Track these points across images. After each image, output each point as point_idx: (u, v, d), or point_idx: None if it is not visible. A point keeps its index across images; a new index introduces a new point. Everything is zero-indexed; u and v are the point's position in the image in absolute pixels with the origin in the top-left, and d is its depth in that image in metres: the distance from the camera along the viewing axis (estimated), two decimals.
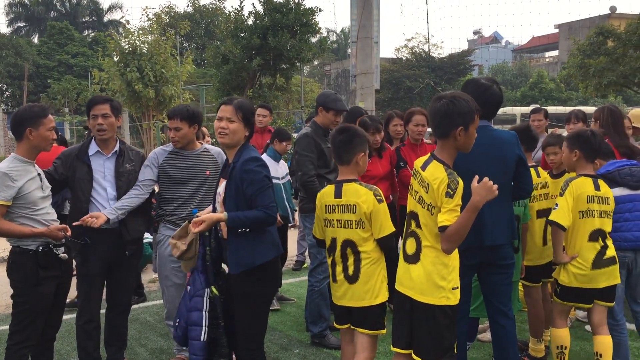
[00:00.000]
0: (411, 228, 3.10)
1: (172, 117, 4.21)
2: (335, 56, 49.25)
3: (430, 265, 2.99)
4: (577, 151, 3.91)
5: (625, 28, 19.95)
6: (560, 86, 38.96)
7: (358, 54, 12.69)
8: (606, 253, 3.82)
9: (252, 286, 3.38)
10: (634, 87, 20.58)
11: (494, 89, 3.66)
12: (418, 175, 3.10)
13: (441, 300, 2.97)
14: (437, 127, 3.06)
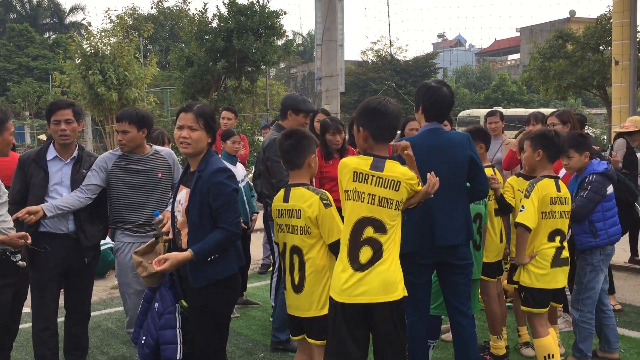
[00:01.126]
0: (366, 235, 2.96)
1: (120, 120, 4.08)
2: (302, 59, 49.26)
3: (392, 265, 2.96)
4: (541, 151, 3.94)
5: (584, 32, 20.47)
6: (522, 88, 39.72)
7: (323, 57, 12.69)
8: (562, 253, 3.90)
9: (213, 299, 3.24)
10: (592, 89, 21.09)
11: (443, 90, 3.71)
12: (371, 177, 2.99)
13: (402, 293, 2.98)
14: (392, 129, 3.10)
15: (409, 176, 3.02)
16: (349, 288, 2.94)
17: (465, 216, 3.68)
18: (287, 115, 4.83)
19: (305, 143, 3.37)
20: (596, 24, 20.14)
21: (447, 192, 3.52)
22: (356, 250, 2.96)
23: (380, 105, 3.06)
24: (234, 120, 7.53)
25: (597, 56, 19.97)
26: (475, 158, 3.64)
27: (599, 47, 20.14)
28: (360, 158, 3.06)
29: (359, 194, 2.99)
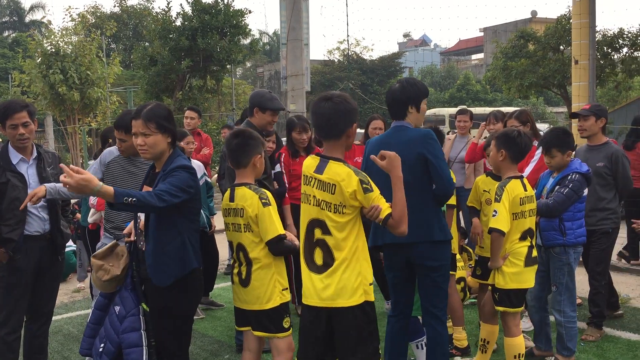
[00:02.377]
0: (316, 237, 3.00)
1: (117, 129, 4.05)
2: (268, 58, 49.07)
3: (345, 269, 2.94)
4: (504, 151, 3.95)
5: (544, 32, 20.88)
6: (486, 88, 40.30)
7: (288, 56, 12.68)
8: (532, 252, 3.93)
9: (175, 300, 3.20)
10: (553, 88, 21.51)
11: (392, 87, 3.75)
12: (314, 180, 3.01)
13: (361, 298, 2.96)
14: (333, 127, 3.00)
15: (348, 181, 2.92)
16: (309, 290, 3.02)
17: (427, 214, 3.59)
18: (254, 112, 4.75)
19: (251, 143, 3.44)
20: (556, 24, 20.55)
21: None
22: (311, 252, 3.02)
23: (314, 105, 3.06)
24: (197, 119, 7.46)
25: (558, 56, 20.38)
26: (429, 157, 3.54)
27: (559, 47, 20.56)
28: (312, 159, 3.09)
29: (307, 197, 3.05)
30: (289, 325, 3.43)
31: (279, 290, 3.36)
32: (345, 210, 2.94)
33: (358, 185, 2.91)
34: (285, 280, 3.43)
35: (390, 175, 3.02)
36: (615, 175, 4.78)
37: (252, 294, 3.37)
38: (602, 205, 4.75)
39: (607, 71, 19.77)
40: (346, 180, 2.92)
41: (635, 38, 19.57)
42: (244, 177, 3.44)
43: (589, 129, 4.84)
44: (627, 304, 5.85)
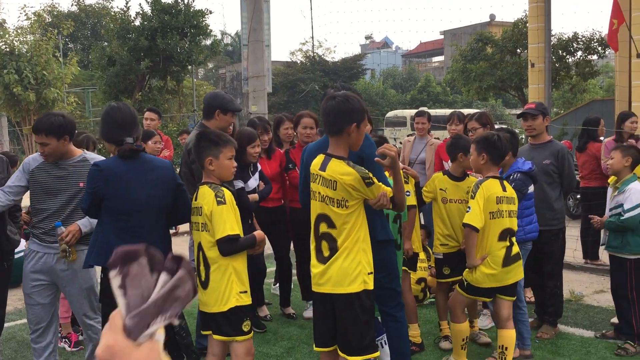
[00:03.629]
0: (322, 230, 3.17)
1: (37, 132, 3.79)
2: (231, 59, 48.75)
3: (348, 259, 3.10)
4: (485, 154, 4.02)
5: (502, 35, 21.30)
6: (446, 90, 40.89)
7: (249, 57, 12.63)
8: (512, 250, 4.00)
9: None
10: (510, 90, 21.98)
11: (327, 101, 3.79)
12: (318, 177, 3.17)
13: (360, 286, 3.10)
14: (333, 124, 3.17)
15: (349, 178, 3.05)
16: (316, 278, 3.20)
17: (375, 216, 3.58)
18: (215, 114, 4.58)
19: (204, 145, 3.51)
20: (513, 28, 21.03)
21: None
22: (319, 245, 3.19)
23: (322, 103, 3.22)
24: (157, 121, 7.37)
25: (515, 59, 20.85)
26: (365, 158, 3.43)
27: (517, 50, 21.04)
28: (318, 157, 3.23)
29: (314, 193, 3.21)
30: (249, 329, 3.40)
31: (236, 292, 3.34)
32: (347, 203, 3.09)
33: (359, 182, 3.05)
34: (244, 283, 3.39)
35: (393, 171, 3.21)
36: (561, 173, 4.90)
37: (211, 296, 3.35)
38: (550, 204, 4.84)
39: (562, 74, 20.30)
40: (345, 177, 3.06)
41: (589, 42, 20.16)
42: (206, 176, 3.50)
43: (537, 128, 4.94)
44: (580, 301, 6.01)
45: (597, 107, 18.89)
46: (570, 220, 9.79)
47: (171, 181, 3.54)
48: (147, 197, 3.38)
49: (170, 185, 3.51)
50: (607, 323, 5.17)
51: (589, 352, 4.63)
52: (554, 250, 4.90)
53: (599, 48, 20.12)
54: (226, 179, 3.54)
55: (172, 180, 3.54)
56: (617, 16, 11.84)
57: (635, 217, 4.48)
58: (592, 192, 7.16)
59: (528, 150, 4.98)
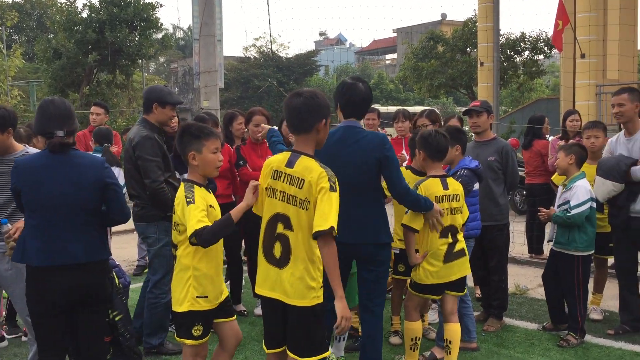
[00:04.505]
0: (278, 231, 3.01)
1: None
2: (183, 53, 48.02)
3: (301, 268, 2.95)
4: (422, 151, 4.07)
5: (452, 34, 21.67)
6: (399, 87, 41.35)
7: (201, 52, 12.44)
8: (456, 247, 4.04)
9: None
10: (461, 88, 22.39)
11: (358, 86, 3.73)
12: (283, 174, 3.01)
13: (313, 300, 2.97)
14: (303, 121, 3.04)
15: (319, 177, 2.92)
16: (265, 281, 3.06)
17: (369, 217, 3.69)
18: (153, 108, 4.54)
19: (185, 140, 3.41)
20: (463, 27, 21.42)
21: (346, 191, 3.55)
22: (270, 244, 3.03)
23: (287, 100, 3.09)
24: (103, 115, 7.20)
25: (465, 57, 21.25)
26: (387, 161, 3.64)
27: (467, 49, 21.44)
28: (283, 155, 3.10)
29: (274, 191, 3.04)
30: (199, 334, 3.29)
31: (192, 296, 3.22)
32: (309, 206, 2.94)
33: (327, 184, 2.93)
34: (206, 288, 3.27)
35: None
36: (505, 169, 5.01)
37: (173, 295, 3.34)
38: (494, 199, 4.94)
39: (510, 73, 20.80)
40: (316, 177, 2.93)
41: (536, 42, 20.71)
42: (190, 172, 3.42)
43: (482, 125, 5.05)
44: (525, 294, 6.18)
45: (543, 106, 19.46)
46: (517, 215, 10.06)
47: (96, 180, 3.29)
48: (60, 194, 3.20)
49: (94, 184, 3.28)
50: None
51: (532, 344, 4.77)
52: (499, 245, 5.02)
53: (545, 48, 20.69)
54: (211, 175, 3.40)
55: (97, 179, 3.30)
56: (562, 17, 12.20)
57: (581, 214, 4.61)
58: (537, 188, 7.38)
59: (473, 147, 5.08)
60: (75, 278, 3.24)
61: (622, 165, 4.66)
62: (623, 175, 4.64)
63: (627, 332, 4.89)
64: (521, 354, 4.55)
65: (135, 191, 4.53)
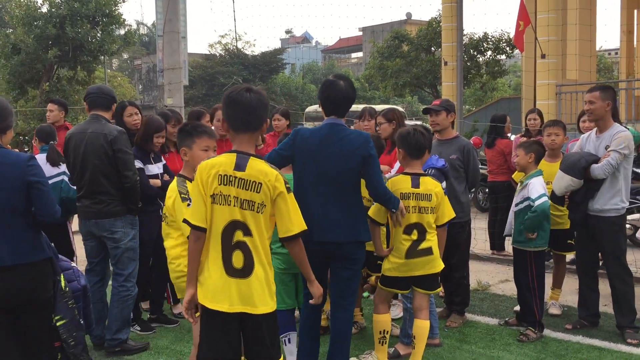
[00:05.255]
0: (236, 239, 2.83)
1: None
2: (147, 50, 47.38)
3: (264, 273, 2.86)
4: (401, 150, 4.13)
5: (417, 34, 21.86)
6: (365, 85, 41.55)
7: (165, 49, 12.28)
8: (421, 244, 4.06)
9: None
10: (426, 87, 22.62)
11: (339, 84, 3.73)
12: (234, 179, 2.84)
13: (273, 306, 2.91)
14: (256, 118, 2.91)
15: (274, 179, 2.83)
16: (224, 297, 2.82)
17: (351, 215, 3.69)
18: (112, 106, 4.76)
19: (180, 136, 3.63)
20: (428, 26, 21.63)
21: (328, 189, 3.63)
22: (229, 255, 2.83)
23: (233, 93, 2.92)
24: (57, 112, 7.04)
25: (429, 57, 21.46)
26: (371, 159, 3.66)
27: (431, 49, 21.66)
28: (225, 157, 2.88)
29: (225, 198, 2.83)
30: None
31: None
32: (265, 210, 2.84)
33: (282, 185, 2.85)
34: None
35: None
36: (466, 168, 5.08)
37: (177, 285, 3.61)
38: (456, 197, 4.99)
39: (474, 72, 21.08)
40: (273, 180, 2.83)
41: (498, 42, 21.04)
42: (183, 167, 3.61)
43: (441, 123, 5.10)
44: (487, 290, 6.28)
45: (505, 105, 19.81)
46: (479, 213, 10.21)
47: (15, 179, 3.19)
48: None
49: (14, 183, 3.19)
50: (511, 311, 5.42)
51: (493, 339, 4.85)
52: (461, 243, 5.08)
53: (507, 48, 21.04)
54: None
55: (16, 179, 3.20)
56: (523, 18, 12.43)
57: (545, 203, 4.67)
58: (499, 185, 7.49)
59: (436, 145, 5.13)
60: (2, 281, 3.13)
61: (582, 162, 4.73)
62: (582, 171, 4.71)
63: (585, 326, 5.00)
64: (482, 349, 4.62)
65: (103, 187, 4.49)
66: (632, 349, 4.57)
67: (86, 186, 4.54)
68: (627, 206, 4.91)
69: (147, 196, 4.77)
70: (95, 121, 4.59)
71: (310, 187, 3.66)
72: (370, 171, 3.70)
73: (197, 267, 2.88)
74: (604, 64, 32.28)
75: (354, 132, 3.79)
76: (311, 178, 3.66)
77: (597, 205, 4.77)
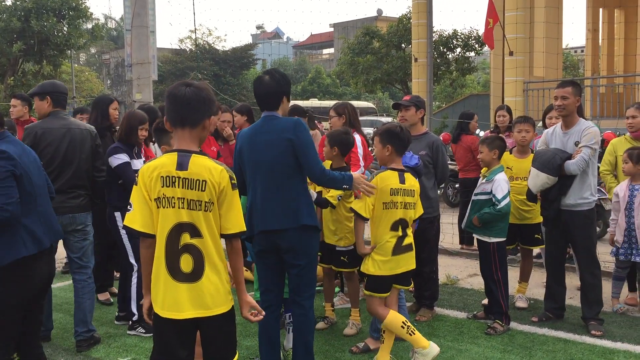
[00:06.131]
0: (184, 242, 2.72)
1: None
2: (115, 44, 46.71)
3: (218, 274, 2.77)
4: (390, 146, 4.10)
5: (387, 30, 21.97)
6: (336, 82, 41.63)
7: (133, 43, 12.11)
8: (404, 241, 4.09)
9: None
10: (396, 84, 22.74)
11: (263, 79, 3.75)
12: (177, 179, 2.71)
13: (230, 303, 2.84)
14: (194, 113, 2.78)
15: (220, 175, 2.74)
16: (173, 303, 2.73)
17: (290, 201, 3.65)
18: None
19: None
20: (398, 23, 21.75)
21: (265, 177, 3.65)
22: (176, 260, 2.72)
23: (171, 88, 2.84)
24: (20, 107, 6.94)
25: (400, 53, 21.60)
26: (297, 142, 3.60)
27: (401, 45, 21.79)
28: (166, 157, 2.77)
29: (169, 200, 2.71)
30: None
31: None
32: (212, 207, 2.75)
33: (227, 181, 2.76)
34: None
35: None
36: (435, 163, 5.14)
37: None
38: (425, 193, 5.03)
39: (443, 69, 21.28)
40: (217, 176, 2.74)
41: (467, 39, 21.26)
42: None
43: (410, 119, 5.14)
44: (455, 284, 6.35)
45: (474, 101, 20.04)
46: (449, 208, 10.33)
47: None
48: None
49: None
50: (480, 305, 5.50)
51: (462, 332, 4.91)
52: (430, 238, 5.13)
53: (476, 45, 21.29)
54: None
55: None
56: (492, 16, 12.58)
57: (508, 203, 4.80)
58: (470, 182, 7.54)
59: None
60: None
61: (557, 159, 4.79)
62: (557, 168, 4.78)
63: (551, 319, 5.10)
64: (451, 342, 4.68)
65: (83, 182, 4.67)
66: (596, 340, 4.68)
67: (66, 181, 4.55)
68: (596, 199, 5.04)
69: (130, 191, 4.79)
70: (65, 118, 4.69)
71: (250, 178, 3.72)
72: (302, 156, 3.63)
73: (149, 275, 2.80)
74: (570, 62, 32.89)
75: (284, 119, 3.76)
76: (250, 169, 3.71)
77: (569, 200, 4.84)
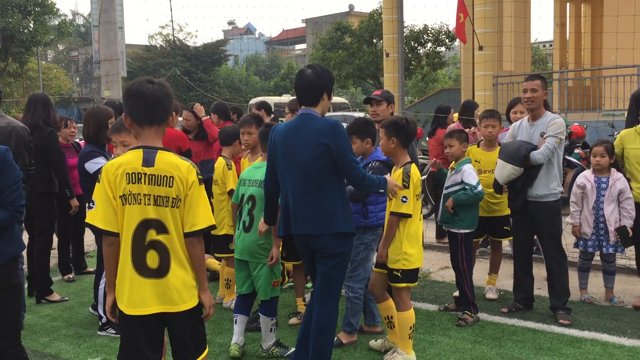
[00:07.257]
0: (150, 238, 2.72)
1: None
2: (84, 41, 45.97)
3: (184, 270, 2.77)
4: (395, 138, 4.10)
5: (359, 25, 22.02)
6: None
7: (101, 39, 11.96)
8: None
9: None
10: (368, 79, 22.81)
11: (305, 73, 3.69)
12: (143, 176, 2.71)
13: (197, 299, 2.83)
14: (161, 110, 2.78)
15: (187, 172, 2.73)
16: (139, 299, 2.72)
17: (324, 207, 3.60)
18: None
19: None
20: (369, 18, 21.81)
21: (299, 181, 3.59)
22: (142, 256, 2.72)
23: (134, 85, 2.79)
24: None
25: (372, 48, 21.67)
26: (334, 148, 3.54)
27: (373, 40, 21.86)
28: (131, 154, 2.75)
29: (135, 197, 2.71)
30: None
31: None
32: (180, 204, 2.74)
33: (194, 177, 2.76)
34: None
35: None
36: None
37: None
38: None
39: (414, 64, 21.41)
40: (185, 172, 2.73)
41: (438, 34, 21.42)
42: None
43: (382, 114, 5.15)
44: (427, 277, 6.41)
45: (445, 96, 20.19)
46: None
47: None
48: None
49: None
50: (451, 297, 5.56)
51: (433, 324, 4.96)
52: None
53: (446, 40, 21.46)
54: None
55: None
56: (463, 10, 12.70)
57: (483, 191, 4.93)
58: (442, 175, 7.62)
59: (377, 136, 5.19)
60: None
61: (522, 150, 4.87)
62: (523, 159, 4.85)
63: (520, 309, 5.18)
64: (423, 335, 4.72)
65: (25, 176, 4.82)
66: (564, 329, 4.76)
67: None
68: (562, 190, 5.13)
69: None
70: (5, 116, 5.04)
71: (285, 181, 3.67)
72: (340, 162, 3.58)
73: (114, 272, 2.79)
74: (538, 56, 33.37)
75: (322, 120, 3.64)
76: (284, 171, 3.65)
77: (536, 191, 4.91)
